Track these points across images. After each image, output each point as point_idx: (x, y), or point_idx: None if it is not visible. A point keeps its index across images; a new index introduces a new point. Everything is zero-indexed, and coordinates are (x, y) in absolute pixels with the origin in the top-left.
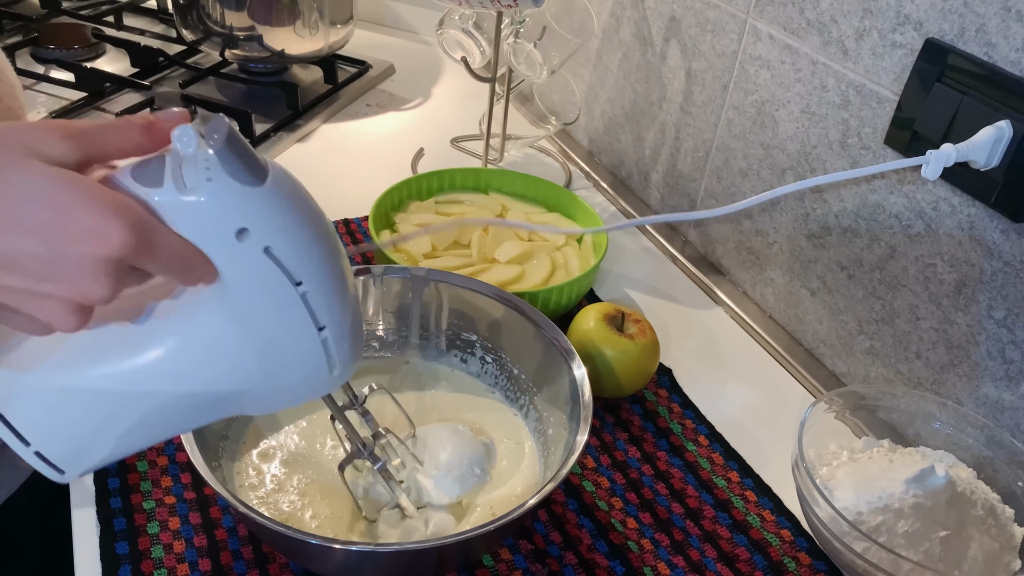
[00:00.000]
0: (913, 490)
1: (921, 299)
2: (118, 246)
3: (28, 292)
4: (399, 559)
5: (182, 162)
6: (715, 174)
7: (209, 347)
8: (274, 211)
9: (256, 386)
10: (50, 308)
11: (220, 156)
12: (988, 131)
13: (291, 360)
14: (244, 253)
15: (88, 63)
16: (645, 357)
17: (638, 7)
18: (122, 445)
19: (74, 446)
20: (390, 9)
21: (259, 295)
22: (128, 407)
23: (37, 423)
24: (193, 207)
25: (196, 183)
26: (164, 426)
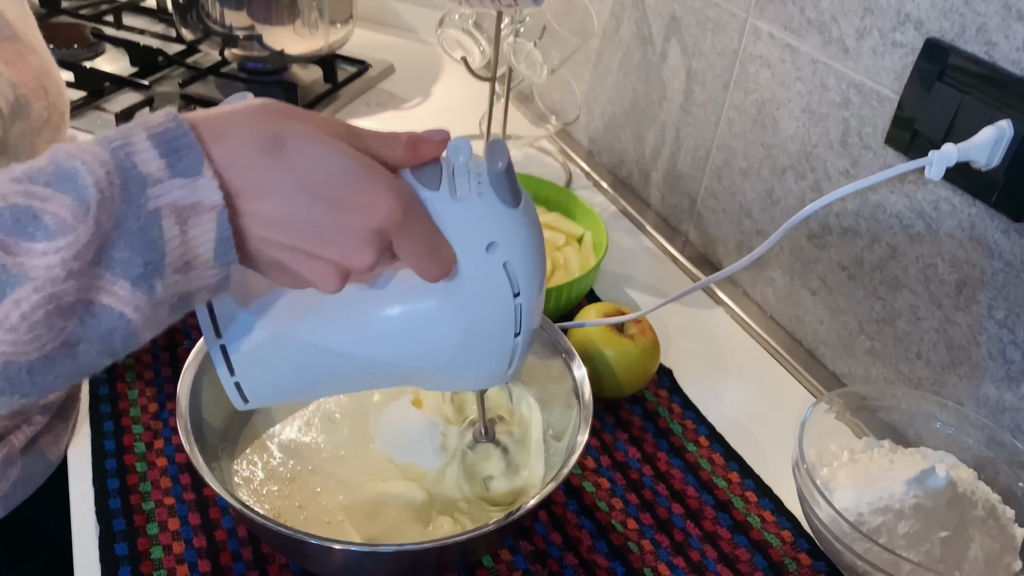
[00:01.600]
0: (914, 491)
1: (922, 299)
2: (386, 216)
3: (304, 252)
4: (399, 559)
5: (454, 171)
6: (715, 173)
7: (421, 331)
8: (520, 233)
9: (441, 370)
10: (319, 269)
11: (495, 176)
12: (989, 131)
13: (483, 356)
14: (487, 263)
15: (88, 62)
16: (645, 357)
17: (638, 7)
18: (305, 392)
19: (268, 385)
20: (390, 9)
21: (485, 299)
22: (328, 363)
23: (248, 359)
24: (460, 213)
25: (466, 194)
26: (347, 384)
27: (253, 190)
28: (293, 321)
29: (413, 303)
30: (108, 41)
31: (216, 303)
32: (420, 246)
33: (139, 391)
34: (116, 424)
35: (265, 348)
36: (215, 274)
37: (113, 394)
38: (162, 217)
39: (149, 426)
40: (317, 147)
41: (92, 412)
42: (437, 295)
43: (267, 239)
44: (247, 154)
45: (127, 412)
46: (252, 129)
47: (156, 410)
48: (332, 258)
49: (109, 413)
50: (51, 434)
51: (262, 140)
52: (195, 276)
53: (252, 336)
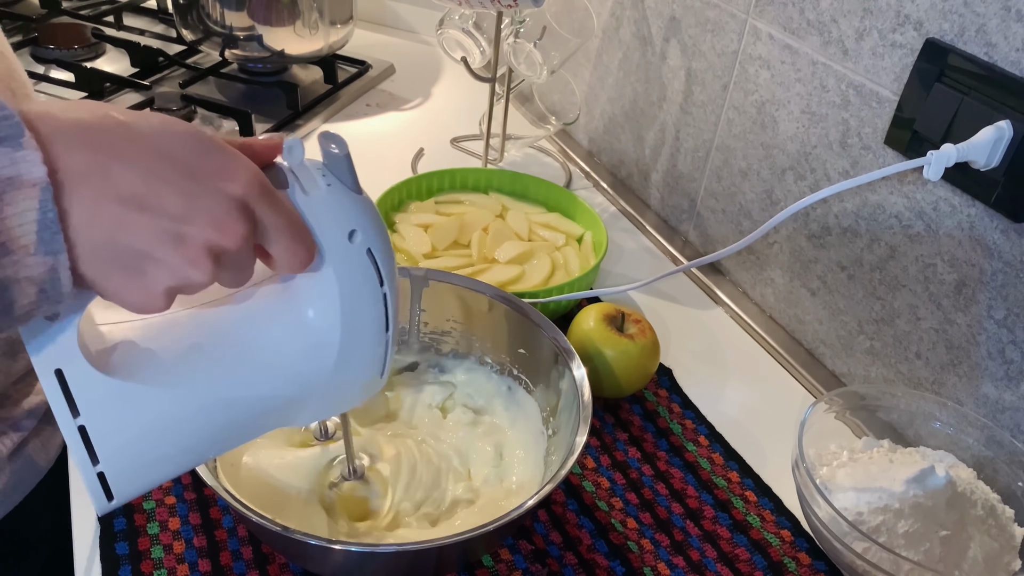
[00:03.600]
0: (913, 490)
1: (921, 299)
2: (250, 181)
3: (168, 234)
4: (399, 559)
5: (295, 170)
6: (715, 174)
7: (302, 346)
8: (374, 219)
9: (323, 388)
10: (188, 251)
11: (337, 163)
12: (988, 131)
13: (360, 361)
14: (352, 251)
15: (88, 63)
16: (645, 357)
17: (638, 7)
18: (176, 467)
19: (136, 467)
20: (390, 9)
21: (357, 291)
22: (210, 419)
23: (113, 439)
24: (315, 205)
25: (315, 186)
26: (228, 441)
27: (98, 165)
28: (166, 376)
29: (288, 316)
30: (108, 42)
31: (67, 369)
32: (285, 221)
33: None
34: None
35: (135, 419)
36: (38, 263)
37: None
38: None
39: None
40: (163, 122)
41: None
42: (308, 299)
43: (122, 219)
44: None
45: None
46: (85, 109)
47: None
48: (199, 232)
49: None
50: (39, 439)
51: (98, 117)
52: (13, 262)
53: (118, 406)
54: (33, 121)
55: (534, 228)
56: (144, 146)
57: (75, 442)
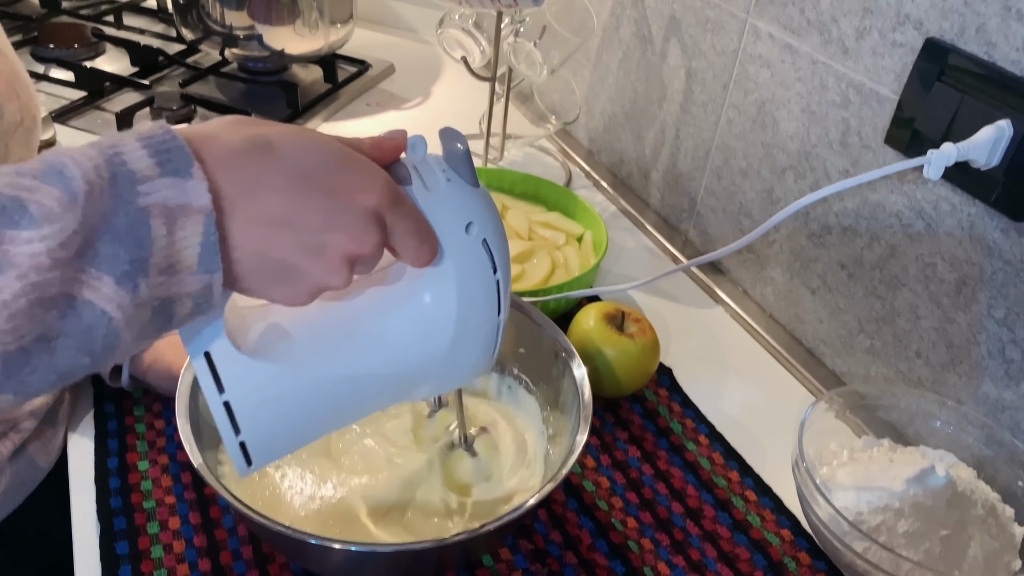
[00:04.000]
0: (913, 490)
1: (921, 298)
2: (382, 192)
3: (309, 246)
4: (399, 559)
5: (418, 165)
6: (715, 173)
7: (420, 328)
8: (489, 210)
9: (438, 368)
10: (326, 261)
11: (456, 159)
12: (988, 130)
13: (473, 343)
14: (469, 243)
15: (88, 62)
16: (645, 356)
17: (638, 7)
18: (307, 437)
19: (273, 438)
20: (390, 9)
21: (470, 280)
22: (337, 394)
23: (253, 412)
24: (436, 200)
25: (436, 182)
26: (351, 414)
27: (249, 190)
28: (299, 356)
29: (409, 301)
30: (108, 41)
31: (215, 352)
32: (412, 225)
33: (143, 389)
34: (119, 423)
35: (272, 395)
36: (197, 280)
37: (118, 392)
38: (151, 216)
39: (153, 424)
40: (303, 141)
41: (96, 410)
42: (428, 287)
43: (271, 238)
44: (238, 156)
45: (131, 411)
46: (238, 133)
47: (160, 408)
48: (338, 244)
49: (113, 412)
50: (40, 441)
51: (250, 141)
52: (178, 280)
53: (258, 383)
54: (198, 150)
55: (534, 227)
56: (287, 167)
57: (221, 416)
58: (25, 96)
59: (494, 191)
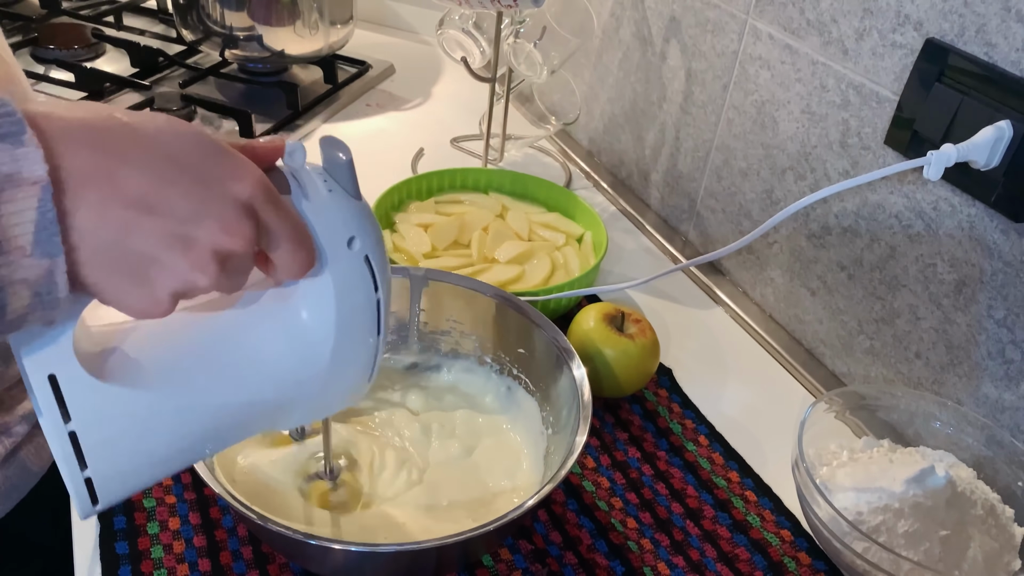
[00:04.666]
0: (913, 490)
1: (921, 299)
2: (256, 184)
3: (175, 237)
4: (399, 559)
5: (296, 173)
6: (715, 174)
7: (296, 349)
8: (372, 225)
9: (313, 392)
10: (193, 255)
11: (339, 170)
12: (988, 131)
13: (351, 365)
14: (351, 258)
15: (88, 63)
16: (645, 357)
17: (638, 7)
18: (160, 472)
19: (123, 473)
20: (390, 9)
21: (351, 298)
22: (199, 422)
23: (103, 445)
24: (317, 211)
25: (317, 192)
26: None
27: (104, 167)
28: (158, 381)
29: (283, 319)
30: (108, 42)
31: (61, 375)
32: (288, 227)
33: None
34: None
35: (125, 425)
36: (34, 265)
37: None
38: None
39: None
40: (170, 124)
41: None
42: (304, 303)
43: (130, 222)
44: (96, 130)
45: None
46: (90, 110)
47: None
48: (207, 235)
49: None
50: (32, 445)
51: (104, 119)
52: (7, 263)
53: (109, 413)
54: (36, 119)
55: (534, 228)
56: (151, 148)
57: (64, 448)
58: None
59: (494, 192)
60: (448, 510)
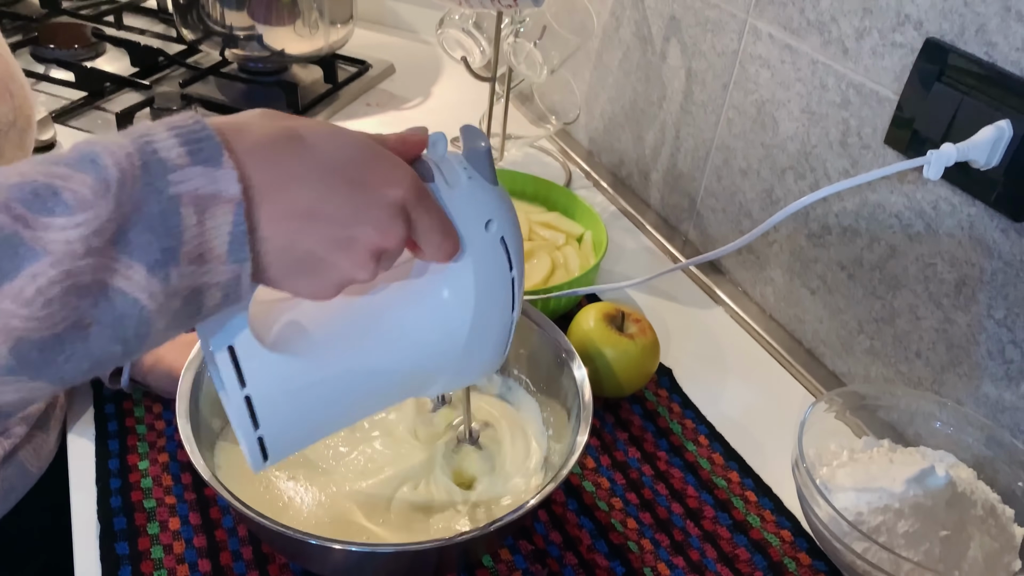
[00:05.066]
0: (913, 490)
1: (921, 299)
2: (409, 187)
3: (337, 239)
4: (399, 559)
5: (439, 163)
6: (715, 173)
7: (438, 324)
8: (508, 208)
9: (452, 364)
10: (353, 254)
11: (477, 157)
12: (988, 131)
13: (487, 340)
14: (488, 240)
15: (88, 63)
16: (645, 357)
17: (638, 7)
18: (321, 431)
19: (289, 432)
20: (390, 9)
21: (488, 277)
22: (354, 388)
23: (273, 407)
24: (458, 197)
25: (457, 179)
26: (365, 408)
27: (280, 182)
28: (319, 350)
29: (428, 296)
30: (109, 41)
31: (239, 346)
32: (436, 221)
33: (143, 391)
34: (120, 424)
35: (292, 389)
36: (227, 270)
37: (118, 393)
38: (181, 204)
39: (153, 425)
40: (331, 134)
41: (96, 412)
42: (447, 282)
43: (300, 229)
44: (269, 147)
45: (132, 411)
46: (268, 125)
47: (160, 409)
48: (365, 237)
49: (113, 413)
50: (31, 446)
51: (280, 134)
52: (208, 270)
53: (279, 378)
54: (229, 140)
55: (534, 227)
56: (317, 161)
57: (240, 410)
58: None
59: None
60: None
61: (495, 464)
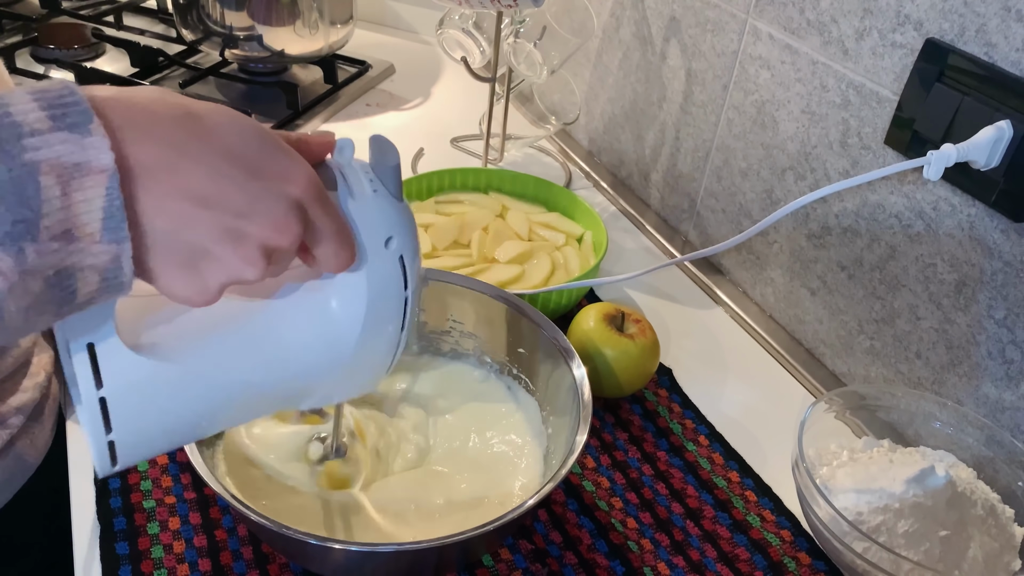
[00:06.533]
0: (913, 490)
1: (921, 299)
2: (308, 185)
3: (227, 230)
4: (399, 559)
5: (344, 170)
6: (715, 174)
7: (323, 337)
8: (410, 227)
9: (334, 378)
10: (243, 249)
11: (386, 172)
12: (988, 131)
13: (373, 356)
14: (386, 257)
15: (88, 63)
16: (645, 357)
17: (638, 7)
18: (178, 440)
19: (143, 438)
20: (390, 9)
21: (382, 294)
22: (221, 398)
23: (129, 411)
24: (360, 210)
25: (362, 191)
26: (230, 418)
27: (169, 160)
28: (188, 355)
29: (315, 306)
30: (108, 42)
31: (99, 344)
32: (334, 226)
33: None
34: None
35: (152, 394)
36: (103, 251)
37: None
38: (40, 173)
39: None
40: (231, 118)
41: None
42: (337, 294)
43: (187, 215)
44: (161, 122)
45: None
46: (160, 100)
47: None
48: (258, 231)
49: None
50: (27, 437)
51: (173, 111)
52: (78, 249)
53: (139, 381)
54: (102, 108)
55: (534, 228)
56: (213, 142)
57: (92, 411)
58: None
59: (494, 192)
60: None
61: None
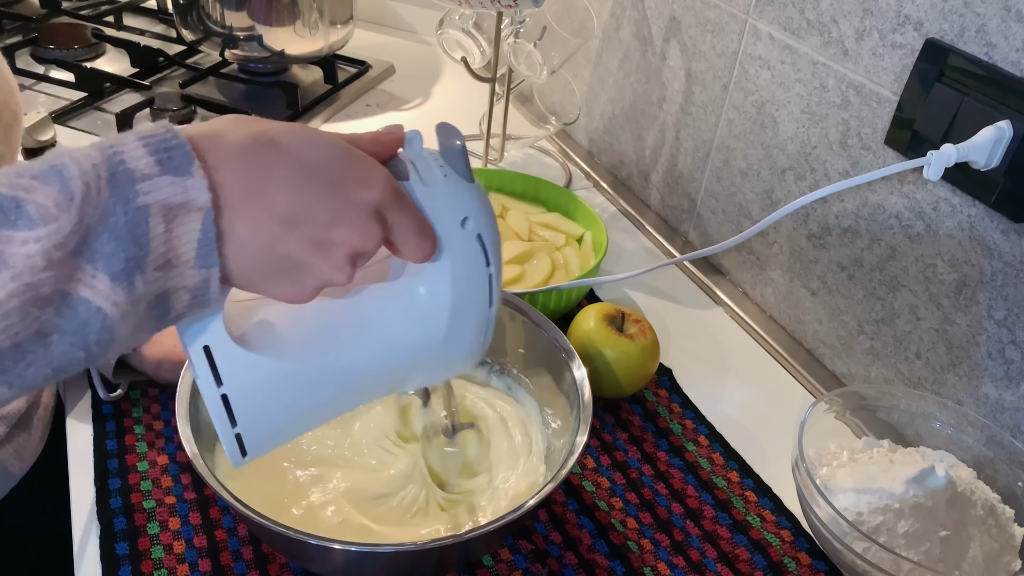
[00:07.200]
0: (913, 490)
1: (921, 299)
2: (384, 187)
3: (315, 242)
4: (399, 559)
5: (415, 161)
6: (715, 174)
7: (416, 321)
8: (484, 205)
9: (432, 359)
10: (331, 257)
11: (453, 155)
12: (988, 131)
13: (466, 334)
14: (464, 237)
15: (88, 63)
16: (645, 357)
17: (638, 7)
18: (301, 428)
19: (267, 429)
20: (390, 9)
21: (465, 273)
22: (333, 385)
23: (250, 405)
24: (433, 195)
25: (433, 177)
26: (344, 405)
27: (256, 187)
28: (296, 348)
29: (404, 294)
30: (108, 42)
31: (214, 346)
32: (412, 221)
33: (142, 390)
34: (118, 424)
35: (269, 387)
36: (195, 275)
37: None
38: (150, 215)
39: (151, 426)
40: (305, 137)
41: (95, 412)
42: (423, 280)
43: (278, 234)
44: (244, 153)
45: (130, 412)
46: (242, 130)
47: (159, 410)
48: (343, 240)
49: (112, 413)
50: (11, 446)
51: (254, 138)
52: (175, 275)
53: (255, 376)
54: (200, 148)
55: (534, 228)
56: (294, 165)
57: (217, 408)
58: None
59: (494, 192)
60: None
61: (478, 466)
